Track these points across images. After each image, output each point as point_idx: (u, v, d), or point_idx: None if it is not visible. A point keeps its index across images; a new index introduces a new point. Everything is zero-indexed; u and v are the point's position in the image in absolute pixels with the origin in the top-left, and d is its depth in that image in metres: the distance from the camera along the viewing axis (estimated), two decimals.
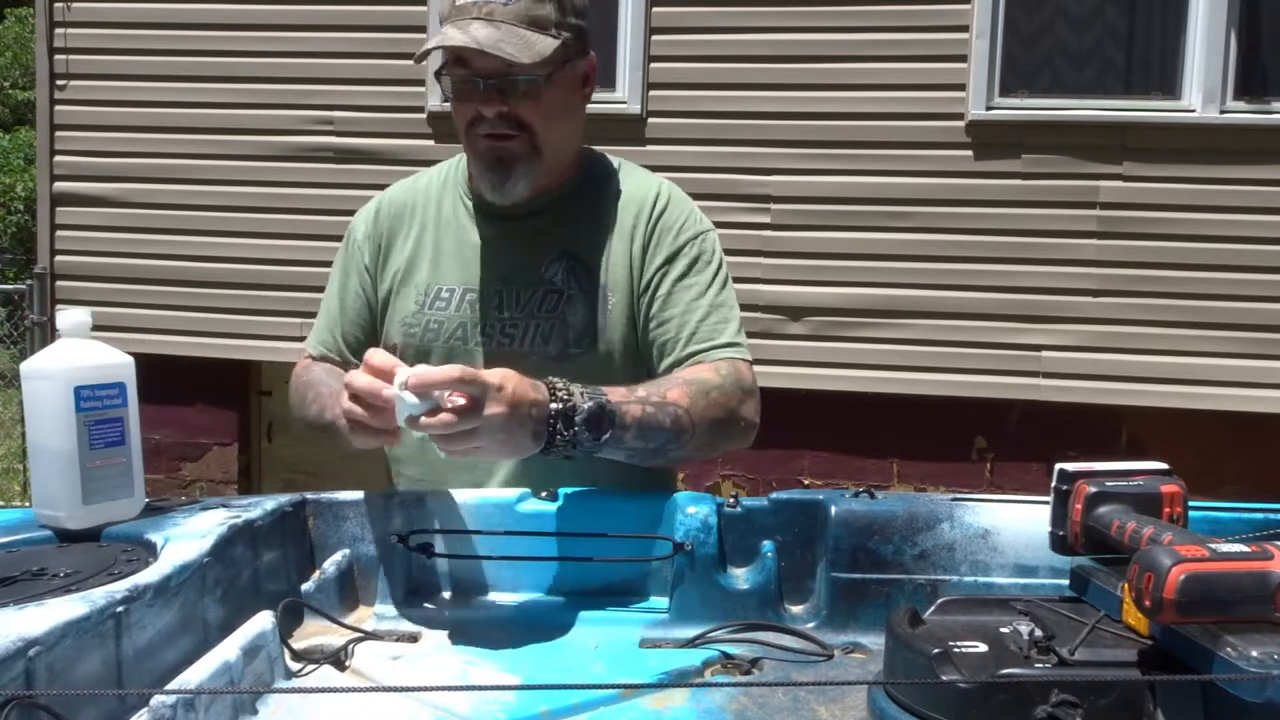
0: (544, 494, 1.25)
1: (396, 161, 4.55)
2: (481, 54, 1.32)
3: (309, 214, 4.67)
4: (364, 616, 1.22)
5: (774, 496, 1.23)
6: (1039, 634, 0.86)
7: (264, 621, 0.99)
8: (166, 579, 0.94)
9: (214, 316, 4.78)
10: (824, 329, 4.40)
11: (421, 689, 0.95)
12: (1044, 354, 4.29)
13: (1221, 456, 4.07)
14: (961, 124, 4.27)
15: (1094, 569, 0.94)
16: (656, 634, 1.15)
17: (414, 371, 1.09)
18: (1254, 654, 0.75)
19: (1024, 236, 4.27)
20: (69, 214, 4.90)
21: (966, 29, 4.23)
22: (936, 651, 0.83)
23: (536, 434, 1.16)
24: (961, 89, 4.25)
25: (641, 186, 1.51)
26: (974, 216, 4.29)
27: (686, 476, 4.44)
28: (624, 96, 4.43)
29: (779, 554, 1.19)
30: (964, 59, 4.24)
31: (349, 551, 1.24)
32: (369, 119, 4.63)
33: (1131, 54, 4.37)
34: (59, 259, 4.93)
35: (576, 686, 0.96)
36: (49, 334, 4.91)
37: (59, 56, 4.84)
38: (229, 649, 0.91)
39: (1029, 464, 4.31)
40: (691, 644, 1.12)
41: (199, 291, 4.78)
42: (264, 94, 4.70)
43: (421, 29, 4.51)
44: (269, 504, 1.20)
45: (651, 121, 4.46)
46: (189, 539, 1.04)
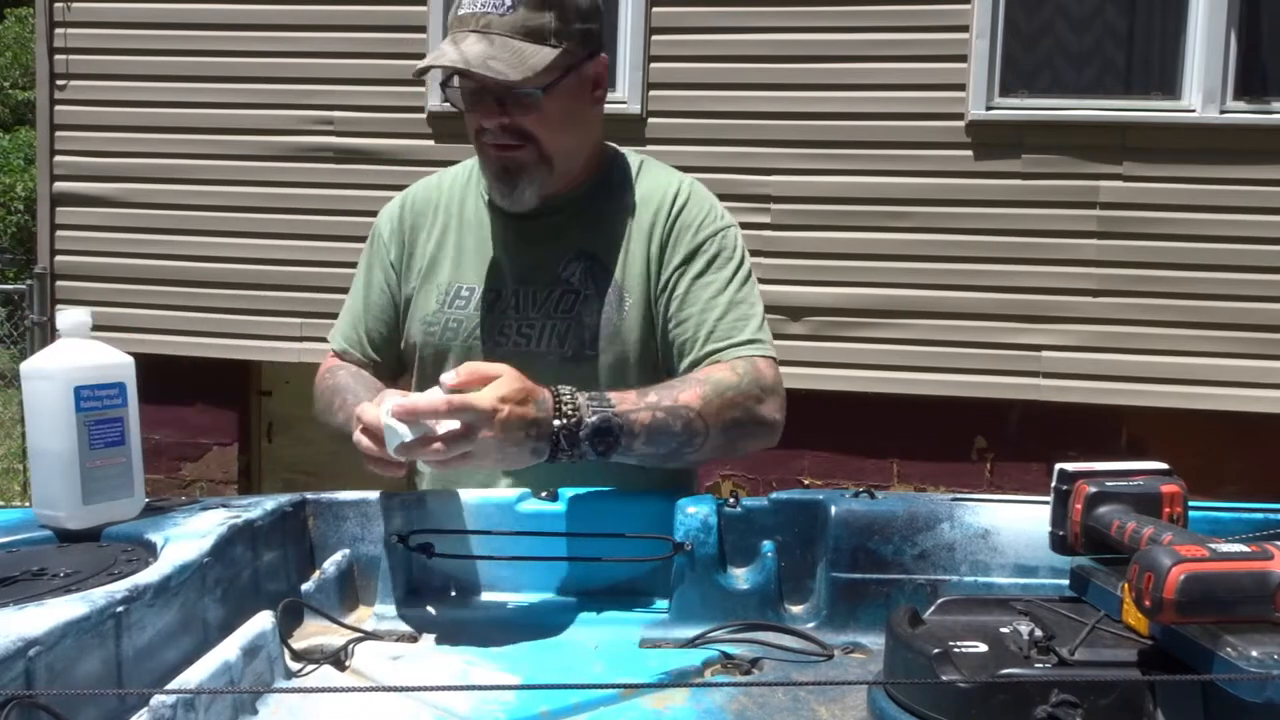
0: (544, 494, 1.25)
1: (396, 161, 4.56)
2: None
3: (309, 214, 4.68)
4: (364, 616, 1.22)
5: (774, 496, 1.23)
6: (1039, 634, 0.86)
7: (264, 621, 0.99)
8: (166, 579, 0.94)
9: (214, 316, 4.78)
10: (824, 329, 4.40)
11: (421, 689, 0.95)
12: (1044, 354, 4.29)
13: (1221, 456, 4.07)
14: (961, 124, 4.27)
15: (1094, 569, 0.94)
16: (656, 634, 1.15)
17: (399, 400, 1.10)
18: (1254, 654, 0.75)
19: (1024, 236, 4.27)
20: (69, 214, 4.90)
21: (966, 29, 4.23)
22: (936, 651, 0.83)
23: (537, 450, 1.16)
24: (961, 89, 4.26)
25: (661, 185, 1.49)
26: (974, 216, 4.29)
27: None
28: (624, 96, 4.43)
29: (779, 554, 1.19)
30: (964, 59, 4.24)
31: (349, 551, 1.25)
32: (369, 119, 4.63)
33: (1131, 54, 4.37)
34: (59, 259, 4.93)
35: (576, 686, 0.96)
36: (49, 334, 4.91)
37: (59, 56, 4.84)
38: (229, 649, 0.91)
39: (1029, 464, 4.31)
40: (691, 644, 1.12)
41: (199, 291, 4.78)
42: (264, 94, 4.70)
43: (421, 29, 4.51)
44: (269, 504, 1.20)
45: (651, 121, 4.46)
46: (189, 539, 1.04)
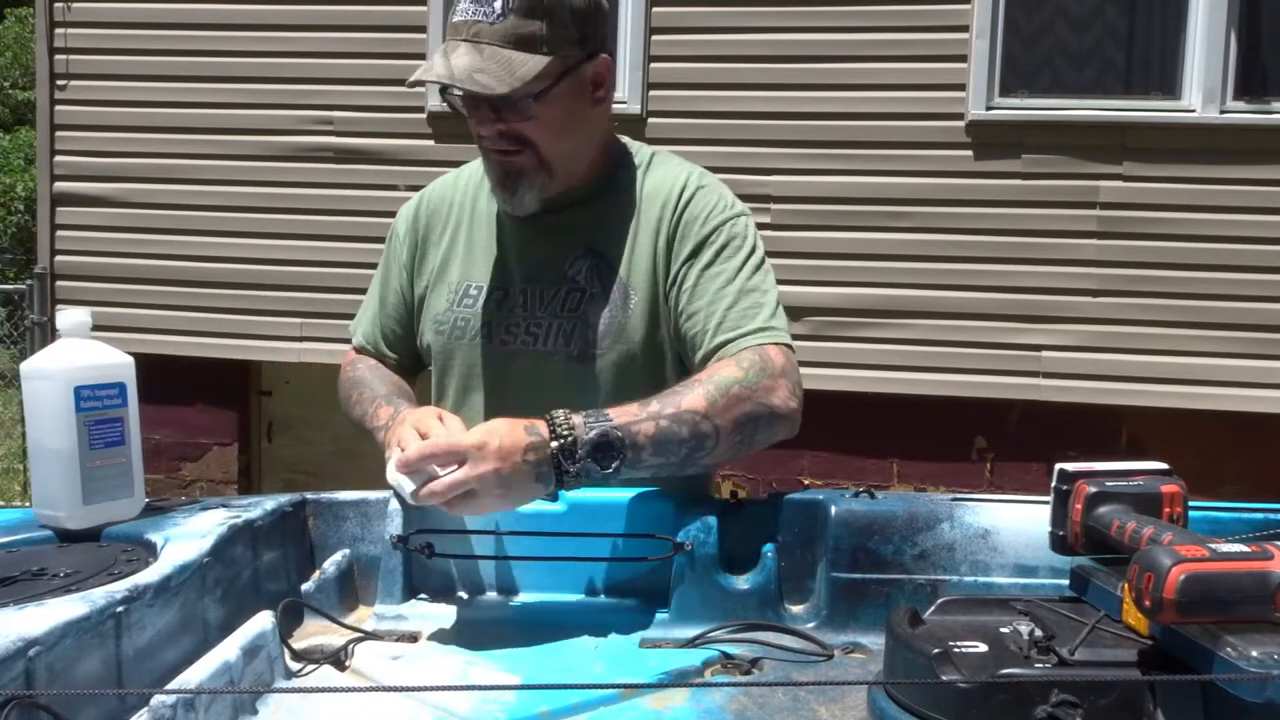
0: (544, 494, 1.25)
1: (396, 161, 4.56)
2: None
3: (309, 214, 4.68)
4: (364, 616, 1.22)
5: (774, 496, 1.23)
6: (1039, 634, 0.86)
7: (264, 621, 0.99)
8: (166, 579, 0.94)
9: (214, 316, 4.78)
10: (824, 329, 4.39)
11: (421, 689, 0.95)
12: (1044, 354, 4.29)
13: (1221, 456, 4.07)
14: (961, 124, 4.27)
15: (1094, 569, 0.94)
16: (656, 634, 1.15)
17: (397, 456, 1.14)
18: (1254, 654, 0.75)
19: (1024, 236, 4.27)
20: (69, 214, 4.90)
21: (966, 29, 4.23)
22: (936, 651, 0.83)
23: (541, 476, 1.15)
24: (961, 89, 4.25)
25: (668, 178, 1.47)
26: (974, 216, 4.29)
27: None
28: (624, 96, 4.43)
29: (779, 554, 1.19)
30: (964, 59, 4.24)
31: (349, 551, 1.25)
32: (369, 119, 4.63)
33: (1131, 54, 4.37)
34: (59, 259, 4.93)
35: (576, 686, 0.96)
36: (49, 334, 4.91)
37: (59, 56, 4.84)
38: (229, 649, 0.91)
39: (1029, 464, 4.31)
40: (691, 644, 1.12)
41: (199, 291, 4.78)
42: (264, 94, 4.70)
43: (421, 29, 4.51)
44: (269, 504, 1.20)
45: (651, 121, 4.46)
46: (189, 539, 1.04)
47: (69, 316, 1.11)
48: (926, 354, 4.34)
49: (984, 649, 0.85)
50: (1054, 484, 1.00)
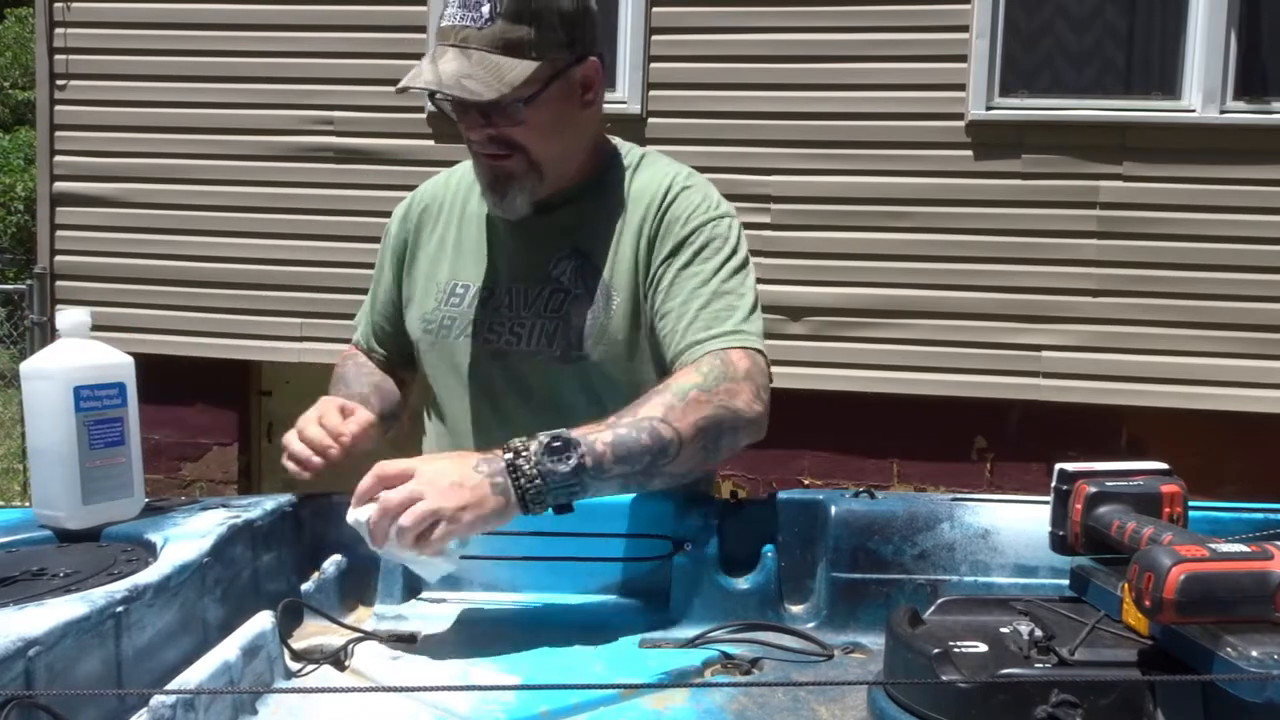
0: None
1: (396, 161, 4.56)
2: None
3: (309, 214, 4.68)
4: (364, 616, 1.22)
5: (774, 496, 1.23)
6: (1039, 634, 0.86)
7: (264, 621, 0.98)
8: (166, 579, 0.94)
9: (214, 316, 4.78)
10: (824, 329, 4.39)
11: (421, 689, 0.95)
12: (1044, 354, 4.29)
13: (1221, 456, 4.07)
14: (961, 124, 4.27)
15: (1094, 569, 0.94)
16: (656, 634, 1.15)
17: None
18: (1254, 654, 0.75)
19: (1024, 236, 4.27)
20: (69, 214, 4.90)
21: (966, 29, 4.23)
22: (936, 651, 0.83)
23: (497, 487, 1.09)
24: (961, 89, 4.25)
25: (655, 179, 1.46)
26: (974, 216, 4.29)
27: None
28: (624, 96, 4.43)
29: (779, 554, 1.19)
30: (964, 59, 4.24)
31: (349, 551, 1.24)
32: (369, 119, 4.63)
33: (1131, 54, 4.37)
34: (59, 259, 4.93)
35: (576, 686, 0.96)
36: (49, 334, 4.90)
37: (59, 56, 4.83)
38: (229, 649, 0.91)
39: (1029, 464, 4.31)
40: (691, 644, 1.12)
41: (199, 291, 4.78)
42: (264, 94, 4.70)
43: (421, 29, 4.51)
44: (269, 504, 1.20)
45: (651, 121, 4.45)
46: (189, 539, 1.04)
47: (69, 316, 1.11)
48: (926, 354, 4.33)
49: (984, 649, 0.85)
50: (1054, 484, 1.00)
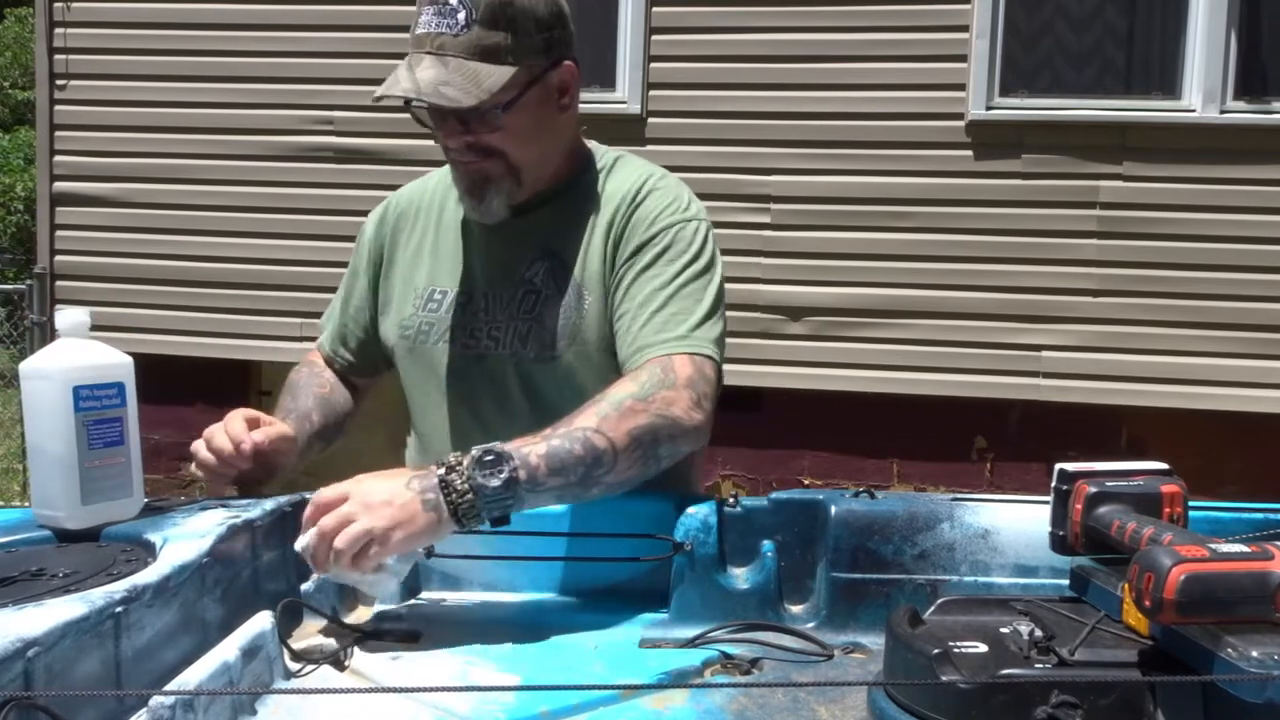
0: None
1: (396, 161, 4.55)
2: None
3: (309, 214, 4.68)
4: (364, 616, 1.22)
5: (774, 496, 1.23)
6: (1039, 634, 0.86)
7: (263, 622, 0.98)
8: (165, 579, 0.94)
9: (214, 316, 4.78)
10: (824, 329, 4.39)
11: (421, 689, 0.95)
12: (1044, 354, 4.29)
13: (1221, 456, 4.07)
14: (961, 124, 4.27)
15: (1094, 569, 0.94)
16: (656, 634, 1.15)
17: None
18: (1254, 654, 0.75)
19: (1024, 236, 4.27)
20: (69, 214, 4.89)
21: (966, 29, 4.23)
22: (936, 652, 0.83)
23: (428, 502, 1.10)
24: (961, 89, 4.25)
25: (627, 180, 1.46)
26: (974, 216, 4.29)
27: None
28: (624, 96, 4.43)
29: (779, 554, 1.19)
30: (964, 59, 4.24)
31: None
32: (369, 119, 4.62)
33: (1131, 54, 4.37)
34: (59, 259, 4.93)
35: (576, 687, 0.96)
36: (48, 334, 4.90)
37: (59, 56, 4.83)
38: (228, 649, 0.91)
39: (1029, 464, 4.31)
40: (691, 644, 1.12)
41: (199, 291, 4.78)
42: (264, 94, 4.70)
43: None
44: (269, 504, 1.20)
45: (651, 121, 4.45)
46: (188, 539, 1.04)
47: (68, 316, 1.11)
48: (926, 354, 4.33)
49: (984, 649, 0.85)
50: (1054, 484, 1.00)
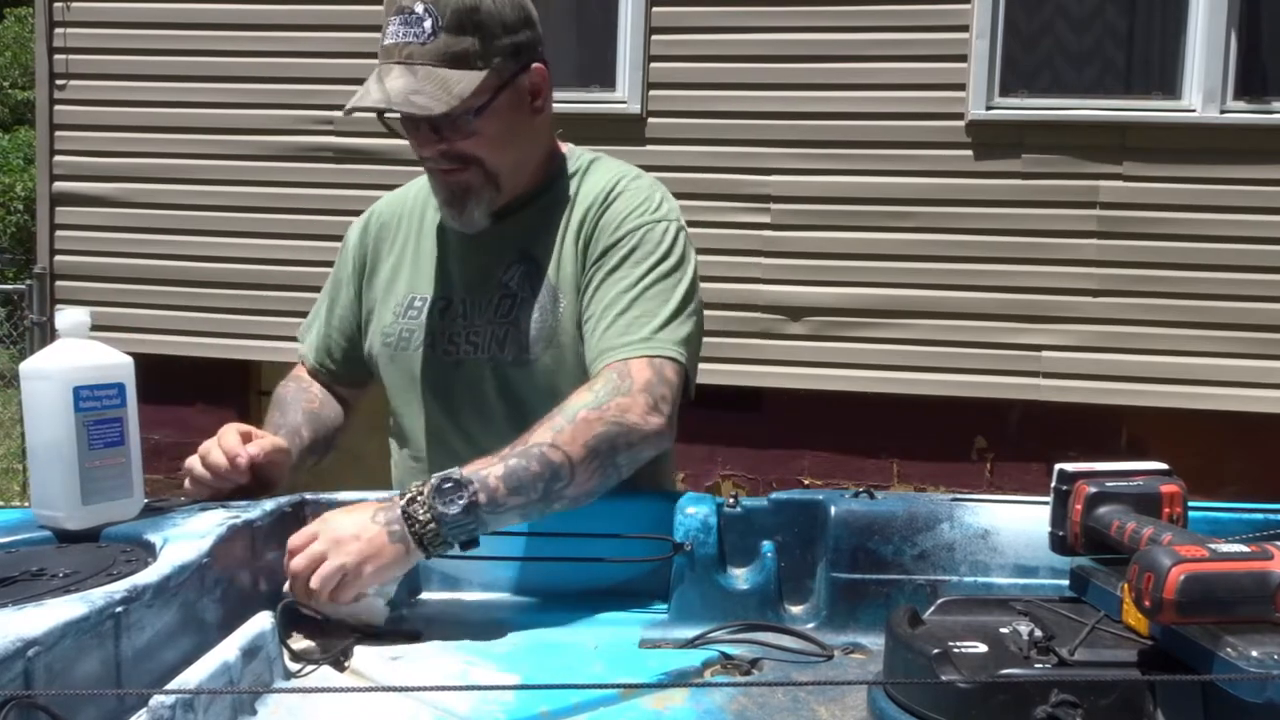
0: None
1: (396, 161, 4.55)
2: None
3: (309, 214, 4.67)
4: None
5: (774, 496, 1.23)
6: (1039, 634, 0.86)
7: (263, 622, 0.98)
8: (165, 579, 0.94)
9: (214, 316, 4.78)
10: (824, 329, 4.39)
11: (421, 689, 0.95)
12: (1044, 354, 4.29)
13: (1221, 456, 4.07)
14: (961, 124, 4.27)
15: (1094, 569, 0.94)
16: (656, 634, 1.15)
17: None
18: (1254, 654, 0.75)
19: (1024, 236, 4.27)
20: (69, 214, 4.89)
21: (966, 29, 4.23)
22: (936, 651, 0.83)
23: (394, 534, 1.12)
24: (961, 89, 4.25)
25: (600, 181, 1.45)
26: (974, 216, 4.29)
27: (686, 477, 4.44)
28: (624, 96, 4.43)
29: (779, 554, 1.19)
30: (964, 59, 4.24)
31: None
32: (368, 119, 4.59)
33: (1131, 54, 4.37)
34: (59, 259, 4.93)
35: (576, 686, 0.96)
36: (49, 334, 4.90)
37: (59, 56, 4.83)
38: (228, 649, 0.91)
39: (1029, 464, 4.31)
40: (691, 644, 1.12)
41: (199, 291, 4.78)
42: (264, 94, 4.70)
43: None
44: (268, 504, 1.20)
45: (651, 121, 4.45)
46: (188, 539, 1.04)
47: (68, 316, 1.11)
48: (926, 354, 4.33)
49: (984, 649, 0.85)
50: (1054, 484, 1.00)
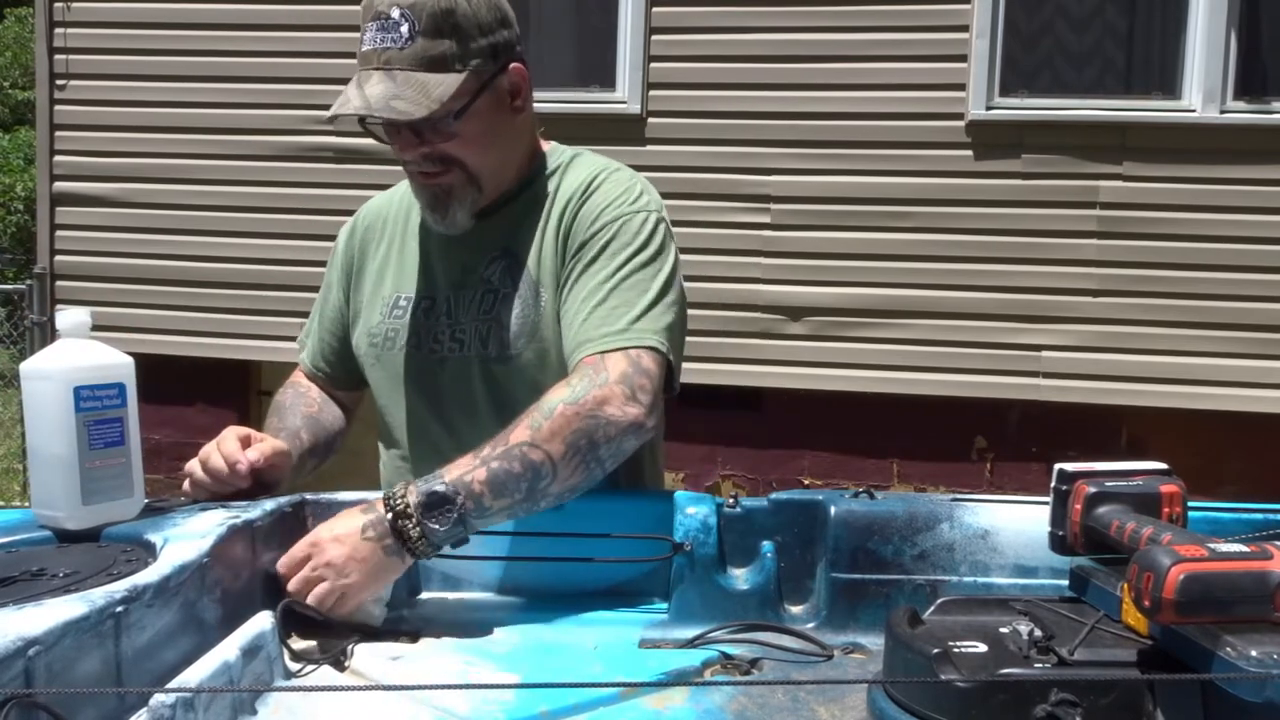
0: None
1: (396, 161, 4.55)
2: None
3: (309, 214, 4.67)
4: None
5: (774, 496, 1.23)
6: (1039, 634, 0.86)
7: (263, 622, 0.99)
8: (166, 579, 0.94)
9: (214, 316, 4.78)
10: (824, 329, 4.39)
11: (421, 688, 0.95)
12: (1044, 354, 4.29)
13: (1221, 456, 4.07)
14: (961, 124, 4.27)
15: (1094, 569, 0.94)
16: (656, 634, 1.15)
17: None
18: (1253, 654, 0.75)
19: (1024, 236, 4.27)
20: (69, 214, 4.89)
21: (966, 29, 4.23)
22: (936, 651, 0.83)
23: (388, 549, 1.14)
24: (961, 89, 4.25)
25: (580, 175, 1.45)
26: (974, 216, 4.29)
27: (686, 476, 4.44)
28: (624, 96, 4.43)
29: (779, 554, 1.19)
30: (964, 59, 4.24)
31: None
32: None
33: (1131, 54, 4.37)
34: (59, 259, 4.93)
35: (576, 686, 0.96)
36: (49, 334, 4.90)
37: (59, 56, 4.83)
38: (228, 649, 0.91)
39: (1029, 464, 4.31)
40: (691, 644, 1.12)
41: (199, 291, 4.78)
42: (264, 94, 4.70)
43: None
44: (269, 504, 1.20)
45: (651, 121, 4.45)
46: (188, 539, 1.04)
47: (69, 316, 1.11)
48: (926, 354, 4.33)
49: (984, 649, 0.85)
50: (1054, 484, 1.00)
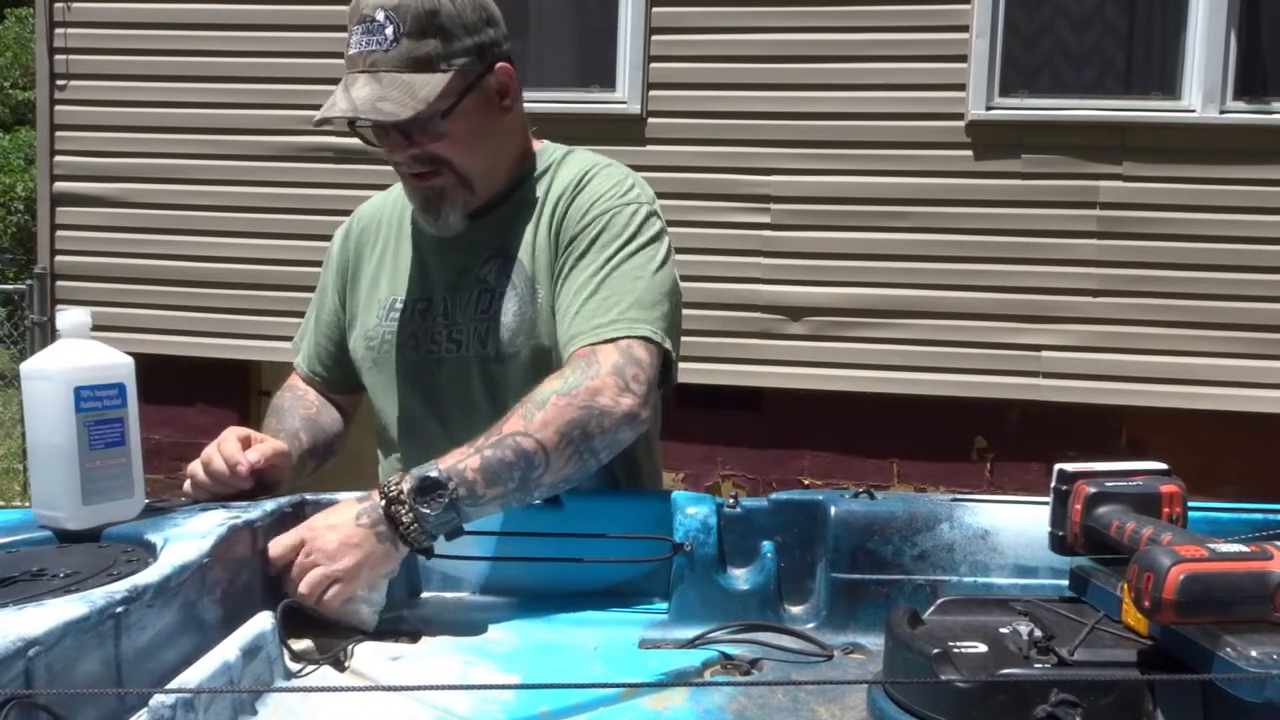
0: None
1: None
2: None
3: (309, 214, 4.67)
4: None
5: (774, 496, 1.23)
6: (1039, 634, 0.86)
7: (263, 622, 0.99)
8: (166, 579, 0.94)
9: (214, 316, 4.78)
10: (824, 329, 4.39)
11: (421, 689, 0.95)
12: (1044, 354, 4.29)
13: (1221, 456, 4.07)
14: (961, 124, 4.27)
15: (1094, 569, 0.94)
16: (656, 634, 1.15)
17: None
18: (1253, 654, 0.75)
19: (1024, 236, 4.27)
20: (69, 214, 4.89)
21: (966, 29, 4.23)
22: (936, 651, 0.83)
23: (382, 536, 1.14)
24: (961, 89, 4.25)
25: (571, 171, 1.45)
26: (974, 216, 4.29)
27: (686, 476, 4.44)
28: (624, 96, 4.43)
29: (779, 554, 1.19)
30: (964, 59, 4.24)
31: None
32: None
33: (1131, 54, 4.37)
34: (59, 259, 4.93)
35: (576, 686, 0.96)
36: (49, 334, 4.90)
37: (59, 56, 4.83)
38: (228, 649, 0.91)
39: (1029, 464, 4.31)
40: (691, 644, 1.12)
41: (199, 291, 4.78)
42: (263, 94, 4.70)
43: None
44: (269, 504, 1.20)
45: (651, 121, 4.45)
46: (189, 539, 1.04)
47: (69, 317, 1.11)
48: (926, 354, 4.33)
49: (984, 649, 0.85)
50: (1054, 484, 1.00)
